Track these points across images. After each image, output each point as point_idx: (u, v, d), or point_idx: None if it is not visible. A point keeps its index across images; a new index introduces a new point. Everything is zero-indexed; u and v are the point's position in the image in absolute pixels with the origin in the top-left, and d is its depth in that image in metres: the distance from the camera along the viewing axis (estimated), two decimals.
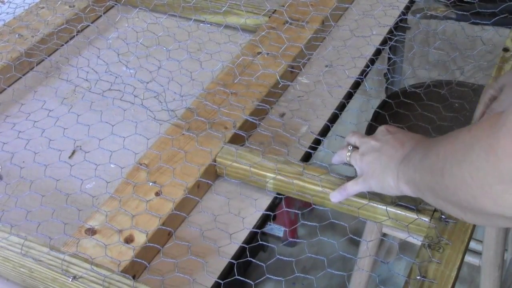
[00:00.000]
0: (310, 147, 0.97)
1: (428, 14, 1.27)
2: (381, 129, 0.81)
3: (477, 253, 1.43)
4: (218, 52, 1.16)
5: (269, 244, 1.81)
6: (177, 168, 0.90)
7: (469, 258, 1.44)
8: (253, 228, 0.86)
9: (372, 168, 0.77)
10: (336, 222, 0.84)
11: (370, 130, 1.12)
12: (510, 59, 1.06)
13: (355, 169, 0.82)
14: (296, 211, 1.79)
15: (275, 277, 0.79)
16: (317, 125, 1.01)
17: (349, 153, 0.82)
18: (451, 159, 0.59)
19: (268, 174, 0.88)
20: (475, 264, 1.43)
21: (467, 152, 0.56)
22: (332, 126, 1.02)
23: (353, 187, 0.81)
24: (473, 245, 1.46)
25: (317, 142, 0.99)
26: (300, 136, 0.99)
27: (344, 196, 0.82)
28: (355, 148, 0.82)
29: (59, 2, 1.29)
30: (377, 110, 1.27)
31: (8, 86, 1.14)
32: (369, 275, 1.41)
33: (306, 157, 0.96)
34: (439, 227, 0.78)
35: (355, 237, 0.89)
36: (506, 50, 1.08)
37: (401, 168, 0.72)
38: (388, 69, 1.52)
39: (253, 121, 0.99)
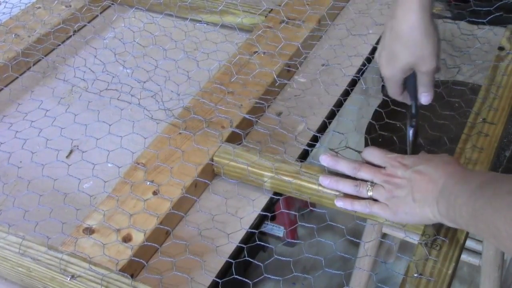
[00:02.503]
0: (308, 145, 0.97)
1: None
2: (395, 164, 0.79)
3: (477, 253, 1.43)
4: (214, 51, 1.16)
5: (268, 245, 1.82)
6: (174, 167, 0.90)
7: (469, 258, 1.44)
8: (250, 227, 0.86)
9: (405, 202, 0.76)
10: (334, 224, 0.84)
11: (371, 129, 1.12)
12: (506, 57, 1.06)
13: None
14: (294, 212, 1.79)
15: (274, 277, 0.80)
16: (314, 123, 1.01)
17: (370, 188, 0.80)
18: None
19: (266, 173, 0.88)
20: (475, 264, 1.43)
21: None
22: (329, 123, 1.02)
23: (379, 211, 0.79)
24: (473, 245, 1.46)
25: (315, 139, 0.99)
26: (297, 134, 0.99)
27: (366, 212, 0.81)
28: (374, 183, 0.81)
29: (55, 2, 1.29)
30: (377, 109, 1.27)
31: (5, 86, 1.14)
32: (369, 275, 1.41)
33: (304, 155, 0.96)
34: (435, 225, 0.79)
35: (353, 239, 0.89)
36: (501, 49, 1.08)
37: (441, 207, 0.72)
38: None
39: (250, 119, 0.99)
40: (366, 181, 0.82)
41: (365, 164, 0.83)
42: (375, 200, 0.80)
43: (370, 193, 0.80)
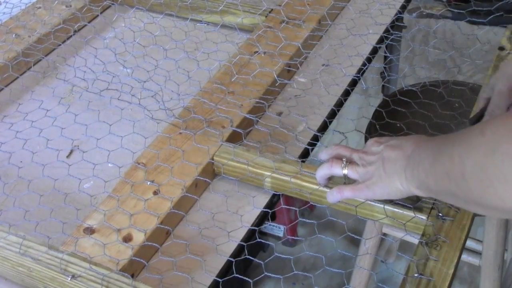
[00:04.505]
0: (308, 144, 0.97)
1: (424, 13, 1.28)
2: (371, 142, 0.80)
3: (477, 253, 1.43)
4: (215, 51, 1.16)
5: (268, 242, 1.82)
6: (175, 167, 0.90)
7: (469, 258, 1.44)
8: (251, 226, 0.86)
9: (377, 175, 0.76)
10: (334, 220, 0.84)
11: (371, 129, 1.13)
12: (506, 57, 1.06)
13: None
14: (295, 208, 1.79)
15: (274, 275, 0.80)
16: (315, 122, 1.02)
17: (344, 165, 0.80)
18: (472, 165, 0.59)
19: (266, 172, 0.88)
20: (475, 264, 1.43)
21: (489, 157, 0.57)
22: (330, 123, 1.02)
23: (353, 192, 0.79)
24: (473, 245, 1.46)
25: (315, 139, 0.99)
26: (297, 133, 0.99)
27: (338, 199, 0.81)
28: (350, 161, 0.81)
29: (55, 2, 1.29)
30: (378, 108, 1.27)
31: (5, 86, 1.14)
32: (370, 274, 1.41)
33: (304, 154, 0.96)
34: (436, 224, 0.79)
35: (354, 235, 0.89)
36: (501, 49, 1.08)
37: (408, 171, 0.72)
38: (384, 67, 1.52)
39: (251, 119, 0.99)
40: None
41: (344, 145, 0.83)
42: (350, 182, 0.80)
43: (344, 171, 0.80)
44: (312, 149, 0.97)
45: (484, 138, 0.58)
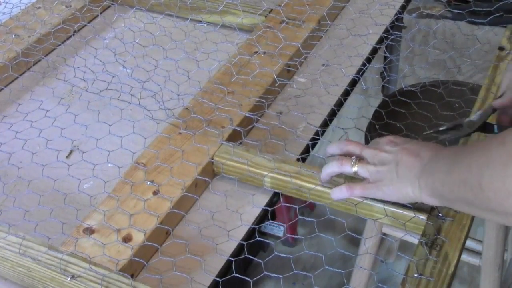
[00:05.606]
0: (309, 142, 0.97)
1: (424, 13, 1.28)
2: (386, 141, 0.79)
3: (477, 253, 1.43)
4: (214, 51, 1.16)
5: (268, 241, 1.82)
6: (174, 167, 0.90)
7: (469, 258, 1.44)
8: (251, 225, 0.86)
9: (389, 177, 0.76)
10: (334, 218, 0.84)
11: (370, 129, 1.13)
12: (506, 58, 1.06)
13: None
14: (295, 206, 1.79)
15: (274, 274, 0.80)
16: (314, 123, 1.01)
17: (354, 162, 0.79)
18: (491, 173, 0.59)
19: (266, 172, 0.88)
20: (475, 264, 1.43)
21: (509, 168, 0.57)
22: (330, 121, 1.02)
23: (362, 190, 0.79)
24: (473, 245, 1.46)
25: (316, 135, 0.99)
26: (298, 131, 0.99)
27: (346, 196, 0.81)
28: (360, 158, 0.80)
29: (55, 2, 1.29)
30: (378, 109, 1.27)
31: (5, 86, 1.14)
32: (370, 274, 1.41)
33: (305, 151, 0.96)
34: (436, 224, 0.79)
35: (353, 234, 0.89)
36: (501, 49, 1.08)
37: (423, 179, 0.72)
38: (384, 67, 1.52)
39: (251, 117, 0.99)
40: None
41: (355, 141, 0.82)
42: (359, 180, 0.80)
43: (355, 168, 0.79)
44: (314, 146, 0.97)
45: (504, 148, 0.58)
